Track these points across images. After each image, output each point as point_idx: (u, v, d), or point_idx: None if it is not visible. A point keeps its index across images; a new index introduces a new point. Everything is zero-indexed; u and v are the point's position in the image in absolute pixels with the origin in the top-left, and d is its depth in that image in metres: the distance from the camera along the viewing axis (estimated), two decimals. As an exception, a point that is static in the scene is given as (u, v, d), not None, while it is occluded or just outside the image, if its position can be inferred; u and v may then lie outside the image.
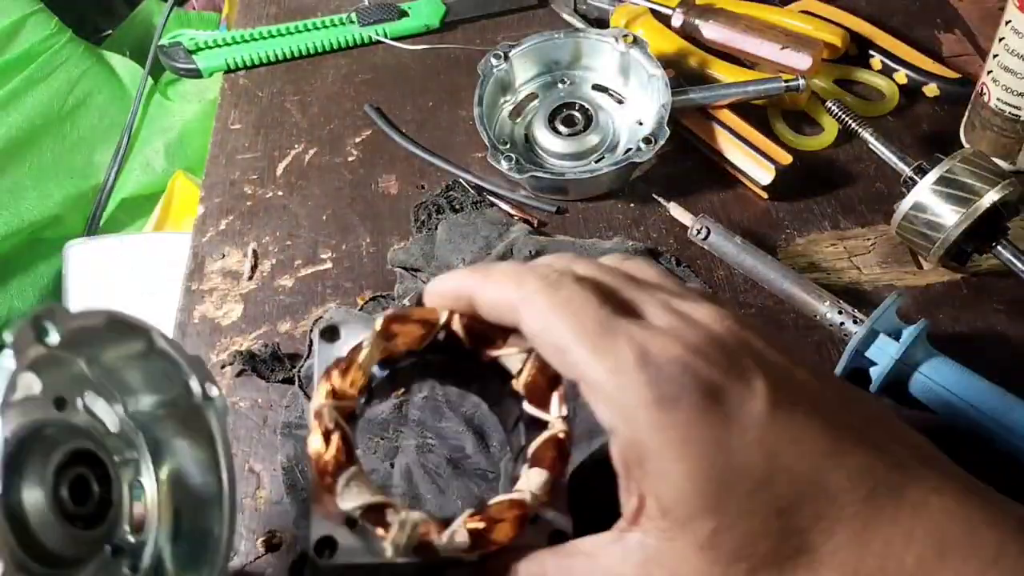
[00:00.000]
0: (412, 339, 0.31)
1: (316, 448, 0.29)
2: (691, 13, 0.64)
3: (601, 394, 0.26)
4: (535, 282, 0.28)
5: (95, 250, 0.85)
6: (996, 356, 0.48)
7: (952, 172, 0.48)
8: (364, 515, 0.28)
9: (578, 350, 0.27)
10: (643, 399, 0.25)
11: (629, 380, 0.26)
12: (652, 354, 0.26)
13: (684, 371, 0.26)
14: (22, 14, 0.89)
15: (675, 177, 0.59)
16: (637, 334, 0.27)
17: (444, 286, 0.32)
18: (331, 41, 0.71)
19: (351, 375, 0.30)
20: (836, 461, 0.26)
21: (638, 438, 0.26)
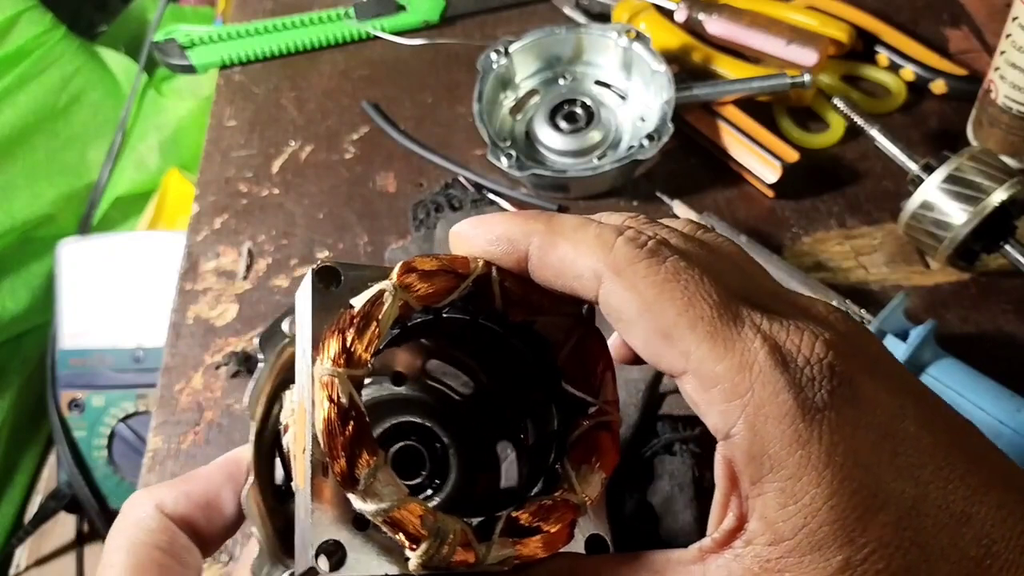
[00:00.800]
0: (433, 294, 0.25)
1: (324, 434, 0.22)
2: (695, 8, 0.63)
3: (719, 393, 0.22)
4: (628, 247, 0.23)
5: (88, 249, 0.84)
6: (1004, 357, 0.48)
7: (960, 170, 0.48)
8: (390, 520, 0.22)
9: (691, 337, 0.22)
10: (781, 406, 0.21)
11: (763, 380, 0.21)
12: (788, 351, 0.22)
13: (831, 376, 0.22)
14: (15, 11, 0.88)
15: (679, 175, 0.58)
16: (765, 324, 0.22)
17: (489, 230, 0.25)
18: (328, 36, 0.70)
19: (368, 335, 0.23)
20: (983, 495, 0.22)
21: (768, 451, 0.21)
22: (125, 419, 0.81)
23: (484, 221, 0.26)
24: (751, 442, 0.22)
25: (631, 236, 0.24)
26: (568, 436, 0.26)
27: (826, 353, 0.22)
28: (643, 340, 0.23)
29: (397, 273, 0.24)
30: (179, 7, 1.06)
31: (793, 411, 0.21)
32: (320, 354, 0.23)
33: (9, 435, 0.86)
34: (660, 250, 0.23)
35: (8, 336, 0.87)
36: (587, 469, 0.25)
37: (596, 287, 0.23)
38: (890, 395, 0.22)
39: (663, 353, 0.23)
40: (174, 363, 0.53)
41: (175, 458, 0.49)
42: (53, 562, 0.84)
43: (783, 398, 0.21)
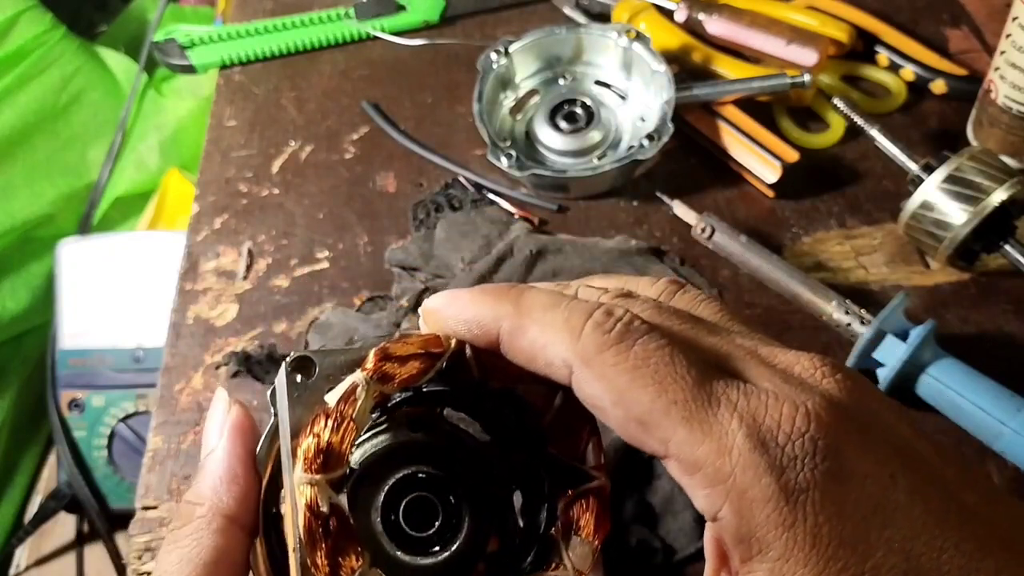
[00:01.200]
0: (409, 378, 0.25)
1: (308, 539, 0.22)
2: (695, 8, 0.63)
3: (702, 478, 0.22)
4: (595, 333, 0.23)
5: (88, 249, 0.84)
6: (1004, 357, 0.48)
7: (960, 170, 0.48)
8: None
9: (667, 424, 0.22)
10: (764, 489, 0.21)
11: (743, 464, 0.21)
12: (768, 428, 0.21)
13: (814, 452, 0.21)
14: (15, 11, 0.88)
15: (679, 175, 0.58)
16: (742, 401, 0.22)
17: (458, 312, 0.25)
18: (328, 36, 0.70)
19: (343, 432, 0.23)
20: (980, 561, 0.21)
21: (755, 534, 0.21)
22: (125, 419, 0.81)
23: (455, 300, 0.26)
24: (737, 526, 0.21)
25: (598, 320, 0.23)
26: (557, 502, 0.26)
27: (808, 426, 0.21)
28: (621, 428, 0.23)
29: (372, 361, 0.24)
30: (179, 7, 1.06)
31: (776, 494, 0.21)
32: (296, 460, 0.23)
33: (9, 435, 0.86)
34: (628, 332, 0.23)
35: (8, 336, 0.87)
36: (577, 541, 0.25)
37: (568, 375, 0.23)
38: (879, 464, 0.22)
39: (643, 440, 0.23)
40: (174, 363, 0.53)
41: (175, 458, 0.49)
42: (53, 562, 0.84)
43: (765, 481, 0.21)
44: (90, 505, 0.80)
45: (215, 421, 0.28)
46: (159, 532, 0.47)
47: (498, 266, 0.53)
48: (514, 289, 0.25)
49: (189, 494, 0.27)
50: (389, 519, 0.25)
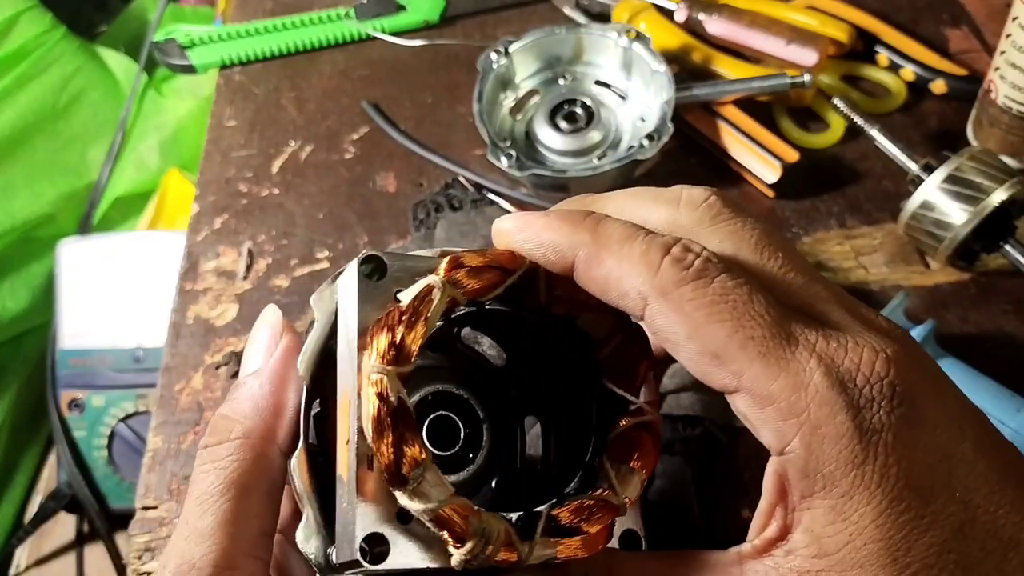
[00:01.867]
0: (480, 289, 0.25)
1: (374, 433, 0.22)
2: (695, 8, 0.63)
3: (774, 411, 0.22)
4: (673, 269, 0.23)
5: (88, 249, 0.84)
6: (1004, 357, 0.48)
7: (960, 170, 0.48)
8: (435, 520, 0.22)
9: (743, 358, 0.22)
10: (838, 426, 0.21)
11: (819, 400, 0.21)
12: (847, 370, 0.21)
13: (891, 395, 0.21)
14: (15, 11, 0.88)
15: (679, 175, 0.58)
16: (821, 343, 0.22)
17: (535, 234, 0.25)
18: (328, 36, 0.70)
19: (416, 331, 0.23)
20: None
21: (822, 470, 0.21)
22: (125, 419, 0.81)
23: (530, 223, 0.25)
24: (806, 460, 0.22)
25: (677, 256, 0.23)
26: (608, 434, 0.26)
27: (887, 371, 0.22)
28: (693, 361, 0.23)
29: (445, 268, 0.24)
30: (179, 7, 1.06)
31: (850, 432, 0.21)
32: (369, 349, 0.23)
33: (9, 435, 0.86)
34: (707, 269, 0.23)
35: (8, 336, 0.87)
36: (626, 469, 0.25)
37: (642, 307, 0.23)
38: (950, 417, 0.22)
39: (714, 373, 0.22)
40: (174, 363, 0.53)
41: (175, 458, 0.49)
42: (53, 562, 0.83)
43: (840, 419, 0.21)
44: (90, 505, 0.80)
45: (262, 340, 0.28)
46: (159, 532, 0.47)
47: (498, 266, 0.53)
48: (591, 217, 0.25)
49: (226, 408, 0.27)
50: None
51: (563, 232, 0.24)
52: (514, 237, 0.25)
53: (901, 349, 0.22)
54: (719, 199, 0.26)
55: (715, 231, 0.25)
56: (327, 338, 0.27)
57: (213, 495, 0.25)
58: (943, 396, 0.23)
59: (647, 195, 0.26)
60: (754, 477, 0.45)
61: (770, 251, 0.25)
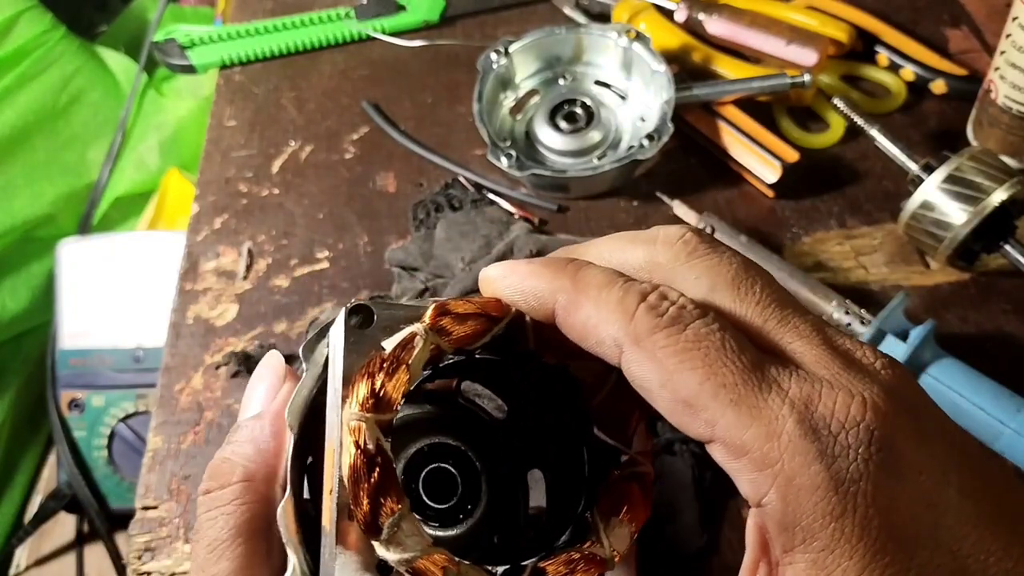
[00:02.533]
0: (465, 337, 0.25)
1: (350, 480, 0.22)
2: (695, 8, 0.63)
3: (748, 462, 0.21)
4: (647, 316, 0.23)
5: (88, 249, 0.84)
6: (1004, 357, 0.48)
7: (960, 170, 0.48)
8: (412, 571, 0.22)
9: (714, 406, 0.21)
10: (813, 478, 0.20)
11: (792, 450, 0.21)
12: (820, 416, 0.21)
13: (868, 442, 0.21)
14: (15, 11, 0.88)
15: (679, 175, 0.58)
16: (794, 388, 0.21)
17: (518, 282, 0.25)
18: (328, 36, 0.70)
19: (397, 379, 0.23)
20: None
21: (800, 522, 0.21)
22: (125, 419, 0.81)
23: (514, 270, 0.25)
24: (783, 513, 0.21)
25: (652, 303, 0.23)
26: (598, 485, 0.26)
27: (863, 416, 0.21)
28: (667, 410, 0.23)
29: (430, 316, 0.24)
30: (179, 7, 1.06)
31: (825, 483, 0.20)
32: (349, 398, 0.23)
33: (9, 435, 0.86)
34: (681, 316, 0.23)
35: (8, 336, 0.87)
36: (616, 522, 0.25)
37: (618, 354, 0.23)
38: (934, 460, 0.21)
39: (688, 422, 0.22)
40: (174, 363, 0.53)
41: (175, 458, 0.49)
42: (53, 562, 0.83)
43: (815, 469, 0.21)
44: (90, 505, 0.80)
45: (264, 384, 0.28)
46: (159, 532, 0.47)
47: (498, 266, 0.53)
48: (572, 264, 0.25)
49: (227, 452, 0.27)
50: (409, 488, 0.25)
51: (544, 278, 0.25)
52: (498, 284, 0.26)
53: (881, 390, 0.22)
54: (695, 236, 0.26)
55: (691, 267, 0.25)
56: (317, 388, 0.27)
57: (224, 540, 0.25)
58: (927, 438, 0.22)
59: (625, 238, 0.27)
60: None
61: (747, 286, 0.24)
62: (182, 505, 0.47)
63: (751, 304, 0.24)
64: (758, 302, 0.24)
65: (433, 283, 0.53)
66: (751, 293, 0.24)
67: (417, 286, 0.53)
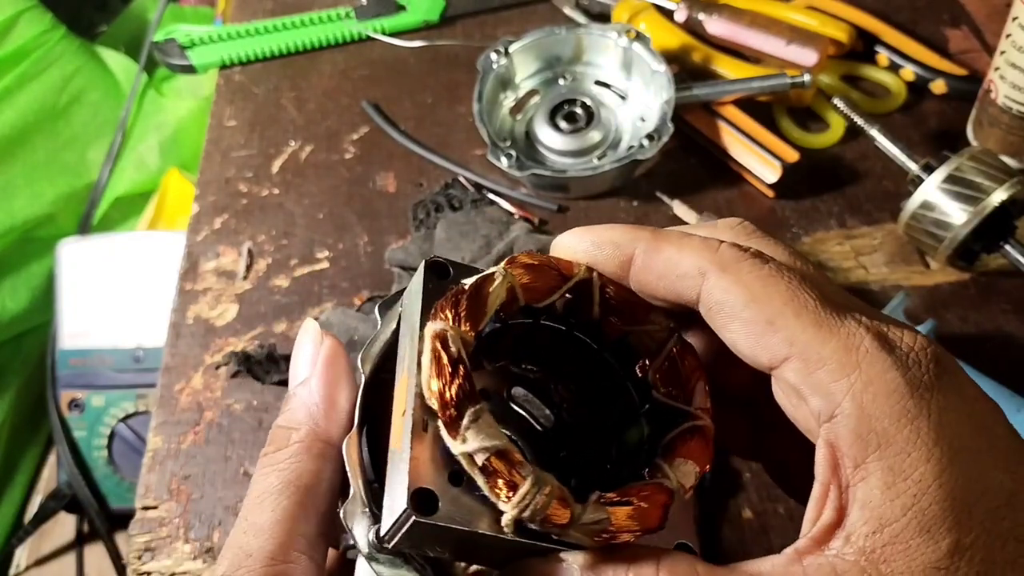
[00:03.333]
0: (537, 287, 0.25)
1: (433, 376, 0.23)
2: (695, 8, 0.63)
3: (825, 373, 0.22)
4: (732, 249, 0.24)
5: (88, 249, 0.84)
6: (1003, 357, 0.48)
7: (960, 170, 0.48)
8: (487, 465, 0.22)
9: (796, 324, 0.22)
10: (890, 383, 0.21)
11: (870, 359, 0.22)
12: (893, 337, 0.22)
13: (936, 362, 0.22)
14: (15, 11, 0.88)
15: (679, 174, 0.58)
16: (867, 319, 0.23)
17: (596, 235, 0.26)
18: (328, 37, 0.70)
19: (477, 308, 0.24)
20: None
21: (875, 427, 0.21)
22: (125, 419, 0.81)
23: (590, 229, 0.27)
24: (858, 419, 0.22)
25: (732, 244, 0.25)
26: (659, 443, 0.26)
27: (928, 345, 0.23)
28: (746, 329, 0.24)
29: (505, 263, 0.25)
30: (179, 7, 1.06)
31: (902, 388, 0.22)
32: (433, 318, 0.24)
33: (9, 435, 0.86)
34: (761, 255, 0.24)
35: (8, 336, 0.87)
36: (680, 461, 0.25)
37: (698, 284, 0.24)
38: (981, 398, 0.23)
39: (767, 340, 0.23)
40: (174, 363, 0.53)
41: (175, 458, 0.49)
42: (53, 562, 0.84)
43: (891, 375, 0.22)
44: (90, 505, 0.80)
45: (306, 352, 0.29)
46: (159, 532, 0.47)
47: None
48: (648, 227, 0.26)
49: (282, 419, 0.27)
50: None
51: (624, 230, 0.26)
52: (573, 240, 0.27)
53: (933, 344, 0.23)
54: (749, 224, 0.28)
55: (752, 243, 0.26)
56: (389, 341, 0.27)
57: (272, 493, 0.26)
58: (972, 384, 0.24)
59: (683, 228, 0.28)
60: (754, 476, 0.45)
61: (803, 261, 0.26)
62: (182, 505, 0.47)
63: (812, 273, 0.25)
64: (817, 274, 0.26)
65: (433, 283, 0.53)
66: (809, 266, 0.26)
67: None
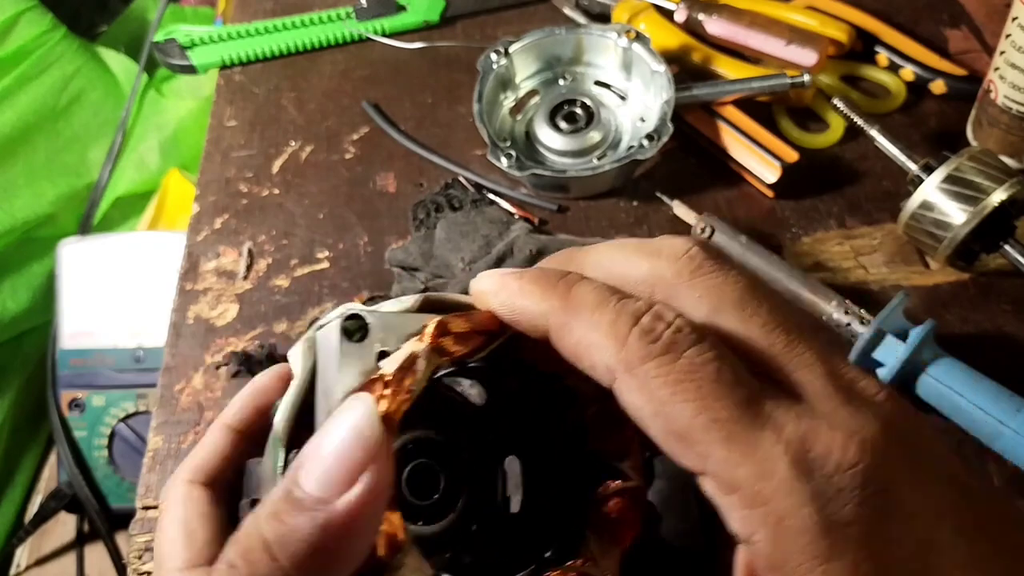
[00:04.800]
0: (466, 353, 0.24)
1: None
2: (695, 8, 0.63)
3: (739, 500, 0.21)
4: (640, 343, 0.22)
5: (89, 249, 0.84)
6: (1004, 357, 0.48)
7: (959, 170, 0.48)
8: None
9: (707, 440, 0.21)
10: (804, 520, 0.20)
11: (785, 490, 0.20)
12: (815, 457, 0.20)
13: (863, 485, 0.20)
14: (16, 11, 0.88)
15: (679, 175, 0.58)
16: (791, 427, 0.21)
17: (508, 301, 0.24)
18: (328, 37, 0.70)
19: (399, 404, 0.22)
20: None
21: (789, 563, 0.20)
22: (125, 419, 0.81)
23: (505, 285, 0.24)
24: (771, 553, 0.21)
25: (646, 327, 0.22)
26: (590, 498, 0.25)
27: (859, 458, 0.20)
28: (659, 440, 0.22)
29: (431, 335, 0.23)
30: (179, 7, 1.06)
31: (816, 526, 0.20)
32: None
33: (9, 435, 0.86)
34: (676, 342, 0.22)
35: (8, 336, 0.87)
36: (608, 539, 0.24)
37: (611, 379, 0.22)
38: (930, 500, 0.21)
39: (680, 454, 0.22)
40: (174, 363, 0.53)
41: (175, 458, 0.49)
42: (53, 562, 0.84)
43: (806, 511, 0.20)
44: (90, 505, 0.80)
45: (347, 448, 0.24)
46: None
47: (498, 266, 0.53)
48: (563, 281, 0.24)
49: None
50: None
51: (535, 297, 0.24)
52: (490, 300, 0.25)
53: (880, 429, 0.21)
54: (700, 251, 0.25)
55: (695, 285, 0.24)
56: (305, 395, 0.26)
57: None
58: (924, 479, 0.21)
59: (629, 247, 0.26)
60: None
61: (752, 307, 0.23)
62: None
63: (756, 327, 0.23)
64: (763, 325, 0.23)
65: (433, 283, 0.54)
66: (756, 316, 0.23)
67: (417, 286, 0.53)
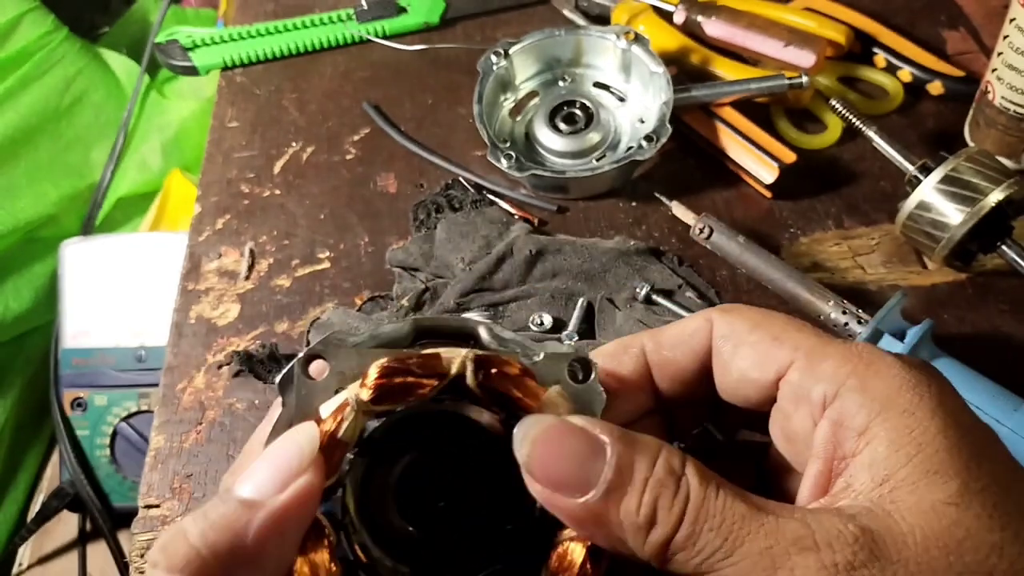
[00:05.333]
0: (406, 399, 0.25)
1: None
2: (693, 10, 0.64)
3: (830, 364, 0.25)
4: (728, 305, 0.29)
5: (91, 250, 0.85)
6: (1001, 357, 0.48)
7: (957, 171, 0.48)
8: None
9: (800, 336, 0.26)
10: (890, 364, 0.24)
11: (869, 351, 0.25)
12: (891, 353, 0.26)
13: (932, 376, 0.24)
14: (18, 12, 0.89)
15: (677, 175, 0.58)
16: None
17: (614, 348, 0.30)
18: (329, 38, 0.70)
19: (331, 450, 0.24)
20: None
21: (879, 394, 0.23)
22: (127, 418, 0.81)
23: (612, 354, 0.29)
24: (862, 391, 0.24)
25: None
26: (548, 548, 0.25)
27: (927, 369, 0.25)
28: (754, 349, 0.27)
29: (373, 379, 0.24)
30: (181, 9, 1.06)
31: (901, 367, 0.24)
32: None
33: (12, 434, 0.86)
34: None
35: (11, 336, 0.87)
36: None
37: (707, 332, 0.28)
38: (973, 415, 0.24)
39: (774, 353, 0.26)
40: (176, 362, 0.53)
41: (177, 457, 0.49)
42: (56, 561, 0.84)
43: (890, 360, 0.24)
44: (92, 504, 0.80)
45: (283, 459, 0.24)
46: (161, 530, 0.47)
47: (498, 266, 0.53)
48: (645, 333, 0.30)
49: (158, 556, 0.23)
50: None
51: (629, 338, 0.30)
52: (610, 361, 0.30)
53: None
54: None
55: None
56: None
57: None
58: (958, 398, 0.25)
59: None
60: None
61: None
62: (184, 504, 0.48)
63: None
64: None
65: (433, 283, 0.54)
66: None
67: (418, 286, 0.54)
